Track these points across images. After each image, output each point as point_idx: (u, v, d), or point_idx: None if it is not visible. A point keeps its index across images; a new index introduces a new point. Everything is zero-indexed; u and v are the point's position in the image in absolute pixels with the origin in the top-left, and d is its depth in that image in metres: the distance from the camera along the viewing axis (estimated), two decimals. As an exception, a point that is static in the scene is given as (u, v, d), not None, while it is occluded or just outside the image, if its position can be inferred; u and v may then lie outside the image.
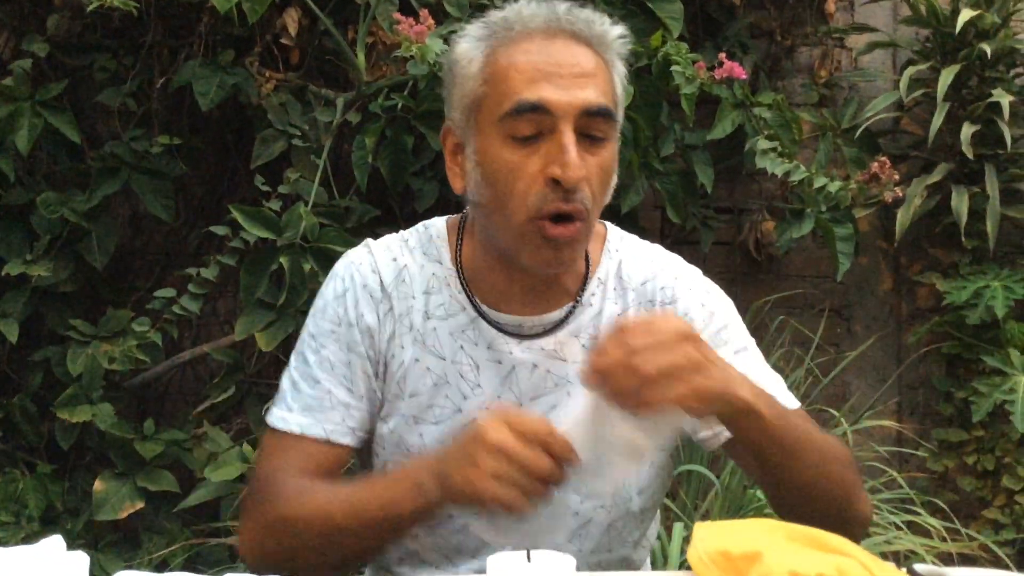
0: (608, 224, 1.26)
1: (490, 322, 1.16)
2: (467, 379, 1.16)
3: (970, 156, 2.77)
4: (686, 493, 2.40)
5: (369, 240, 1.24)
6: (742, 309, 3.27)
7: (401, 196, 2.77)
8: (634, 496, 1.17)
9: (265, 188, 2.55)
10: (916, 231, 3.11)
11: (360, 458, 1.25)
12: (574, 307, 1.18)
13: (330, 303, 1.19)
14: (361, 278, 1.19)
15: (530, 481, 0.94)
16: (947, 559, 2.24)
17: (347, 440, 1.16)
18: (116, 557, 2.51)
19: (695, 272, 1.26)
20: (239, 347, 2.73)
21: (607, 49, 1.12)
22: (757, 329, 3.00)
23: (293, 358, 1.21)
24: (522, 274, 1.14)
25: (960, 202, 2.84)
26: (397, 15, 2.30)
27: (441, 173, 2.70)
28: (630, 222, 2.93)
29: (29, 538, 2.47)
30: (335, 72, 2.88)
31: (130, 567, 2.47)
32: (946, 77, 2.80)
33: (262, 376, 2.76)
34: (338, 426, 1.16)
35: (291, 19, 2.70)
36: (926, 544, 2.13)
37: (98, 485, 2.53)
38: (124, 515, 2.51)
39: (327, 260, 2.49)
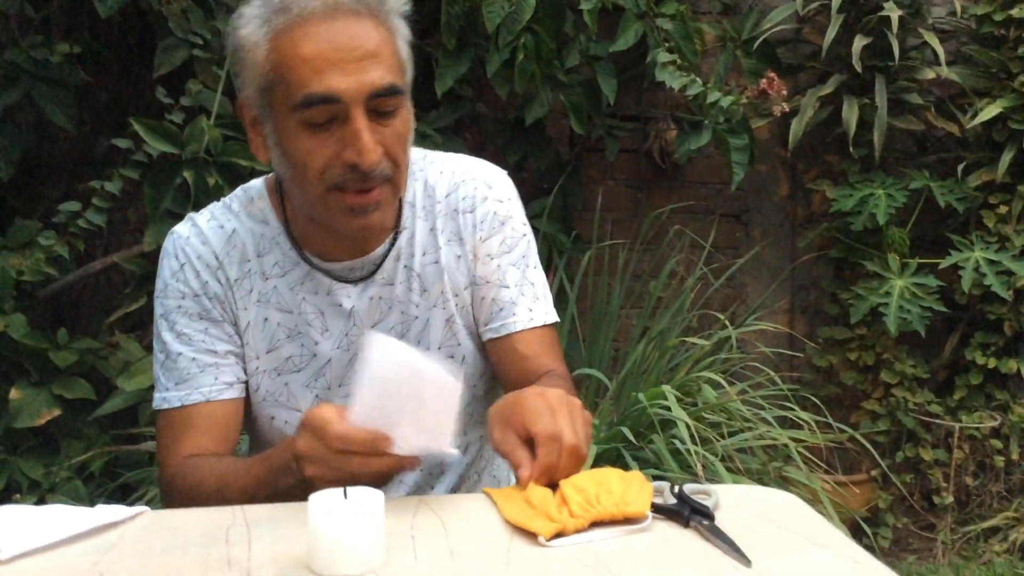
0: (412, 149, 1.25)
1: (323, 272, 1.23)
2: (315, 326, 1.24)
3: (859, 69, 2.87)
4: (584, 396, 2.55)
5: (191, 214, 1.28)
6: (646, 214, 3.37)
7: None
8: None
9: (167, 100, 2.55)
10: (813, 139, 3.24)
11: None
12: (394, 238, 1.25)
13: (170, 282, 1.24)
14: (193, 251, 1.23)
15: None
16: (816, 452, 2.44)
17: (228, 395, 1.22)
18: (35, 462, 2.59)
19: (495, 179, 1.30)
20: (150, 256, 2.76)
21: (388, 15, 1.13)
22: (658, 234, 3.14)
23: (155, 345, 1.26)
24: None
25: (850, 113, 2.95)
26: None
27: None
28: (537, 132, 3.01)
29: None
30: (238, -23, 2.84)
31: (49, 472, 2.56)
32: (841, -10, 2.87)
33: (174, 285, 2.81)
34: (213, 386, 1.22)
35: (190, -77, 2.65)
36: (795, 436, 2.31)
37: (14, 393, 2.58)
38: (42, 422, 2.58)
39: (231, 174, 2.52)
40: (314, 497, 0.82)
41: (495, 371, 1.31)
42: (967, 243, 2.99)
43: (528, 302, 1.27)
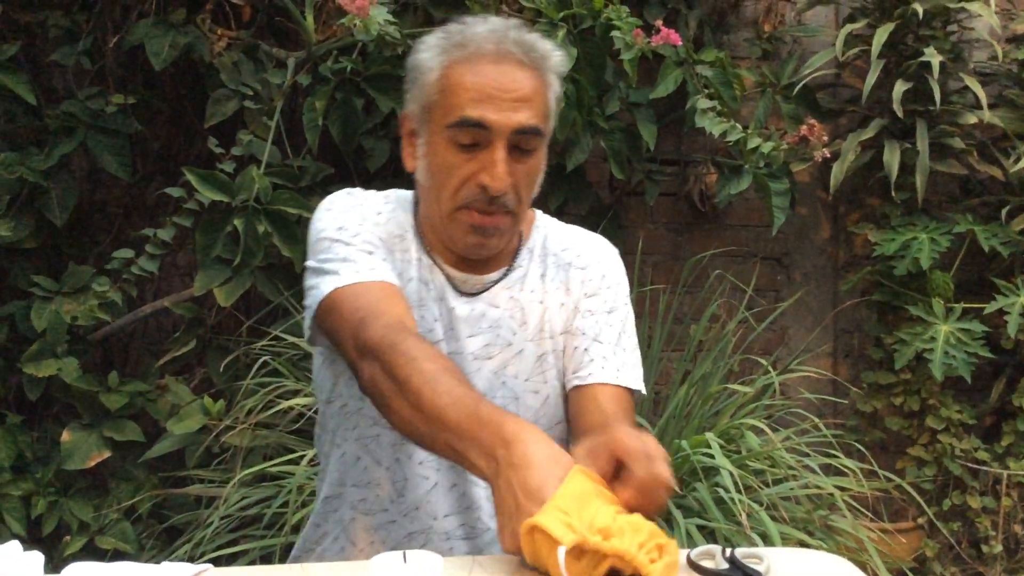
0: (538, 211, 1.45)
1: (443, 273, 1.35)
2: (426, 319, 1.33)
3: (900, 114, 2.87)
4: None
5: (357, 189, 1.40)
6: (686, 258, 3.37)
7: (354, 155, 2.85)
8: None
9: (218, 150, 2.62)
10: (855, 182, 3.24)
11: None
12: (508, 271, 1.37)
13: (345, 211, 1.32)
14: (367, 202, 1.35)
15: None
16: (862, 500, 2.41)
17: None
18: (85, 504, 2.64)
19: (609, 250, 1.44)
20: (199, 301, 2.83)
21: (546, 70, 1.29)
22: (698, 278, 3.14)
23: (321, 256, 1.27)
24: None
25: (892, 157, 2.95)
26: (342, -16, 2.35)
27: (392, 133, 2.78)
28: (578, 178, 3.04)
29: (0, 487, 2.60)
30: (286, 29, 2.92)
31: (99, 514, 2.61)
32: (881, 35, 2.89)
33: (222, 329, 2.87)
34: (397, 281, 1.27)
35: (241, -22, 2.73)
36: (840, 485, 2.28)
37: (66, 436, 2.64)
38: (92, 464, 2.63)
39: (280, 222, 2.58)
40: (376, 559, 0.84)
41: (571, 422, 1.36)
42: (1012, 287, 2.96)
43: (618, 362, 1.35)
